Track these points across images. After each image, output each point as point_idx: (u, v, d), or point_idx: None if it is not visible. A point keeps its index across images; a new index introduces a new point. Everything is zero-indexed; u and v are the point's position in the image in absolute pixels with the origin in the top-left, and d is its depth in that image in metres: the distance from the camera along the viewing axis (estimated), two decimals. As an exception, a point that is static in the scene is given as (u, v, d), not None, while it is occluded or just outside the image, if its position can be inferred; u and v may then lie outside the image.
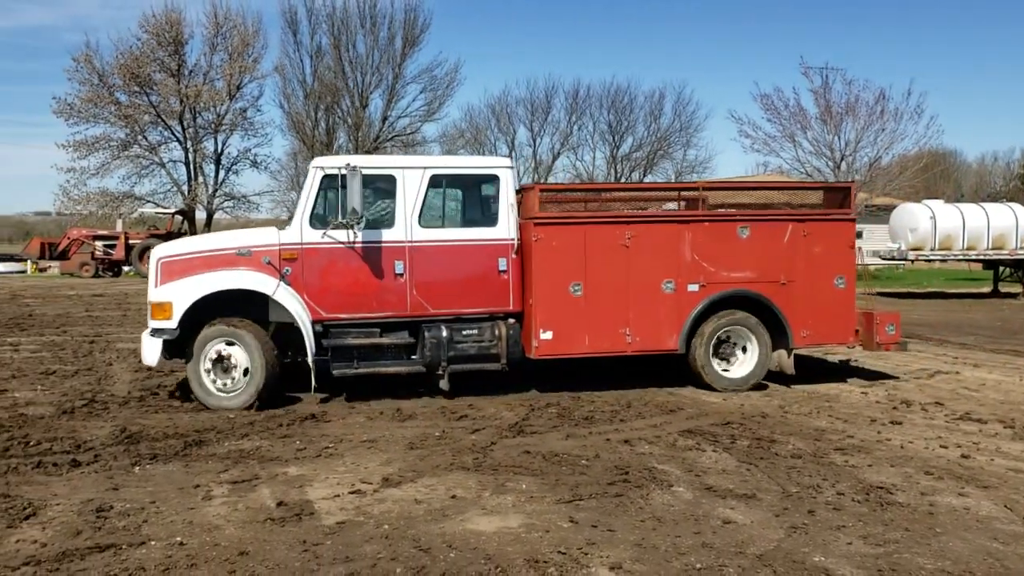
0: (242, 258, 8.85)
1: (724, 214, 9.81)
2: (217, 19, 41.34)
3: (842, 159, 34.59)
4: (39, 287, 31.25)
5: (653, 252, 9.29)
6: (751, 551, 4.68)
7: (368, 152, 43.24)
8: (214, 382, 8.69)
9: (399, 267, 8.96)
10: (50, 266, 48.70)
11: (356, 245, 8.91)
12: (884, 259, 29.51)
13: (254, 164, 43.87)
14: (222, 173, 43.00)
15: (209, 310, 8.72)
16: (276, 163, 51.18)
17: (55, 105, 38.60)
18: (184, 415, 8.23)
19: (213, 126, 41.92)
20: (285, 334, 9.00)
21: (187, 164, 41.82)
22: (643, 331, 9.28)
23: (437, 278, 9.07)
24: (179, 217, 40.31)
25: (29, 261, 52.53)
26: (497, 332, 9.10)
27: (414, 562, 4.49)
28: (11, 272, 50.07)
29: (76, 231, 44.86)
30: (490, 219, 9.32)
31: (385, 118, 45.37)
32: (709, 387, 9.42)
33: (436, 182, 9.20)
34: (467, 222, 9.66)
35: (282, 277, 8.80)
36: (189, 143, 41.62)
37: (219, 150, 42.96)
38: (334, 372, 8.83)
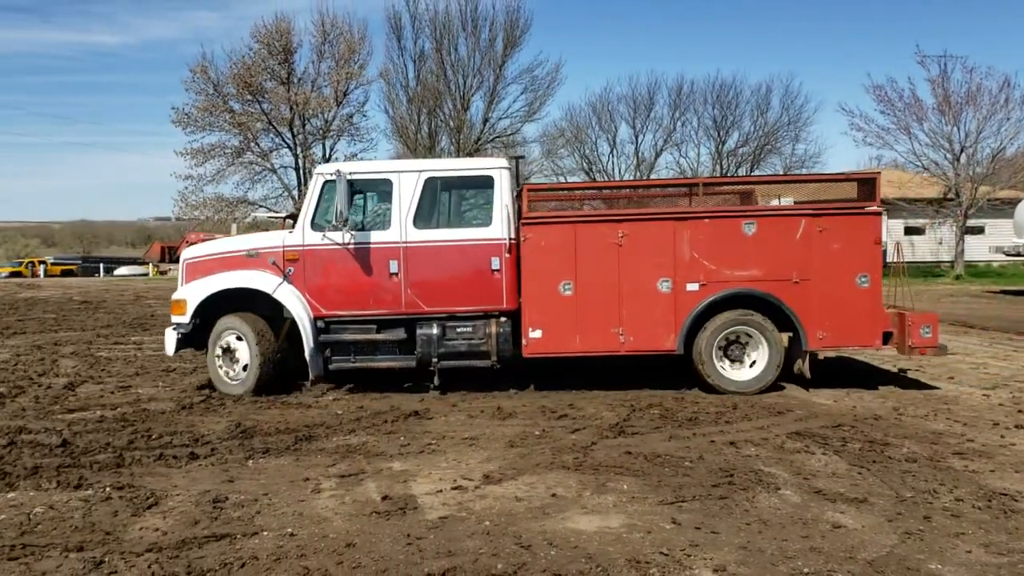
0: (251, 259, 9.66)
1: (727, 210, 9.42)
2: (324, 27, 42.52)
3: (962, 151, 32.98)
4: (160, 289, 32.90)
5: (648, 251, 9.14)
6: (862, 556, 4.51)
7: (469, 154, 43.71)
8: (224, 371, 9.56)
9: (394, 267, 9.37)
10: (170, 269, 51.20)
11: (353, 246, 9.41)
12: (1008, 255, 27.96)
13: (361, 169, 44.90)
14: (330, 178, 44.18)
15: (230, 306, 9.59)
16: (381, 167, 52.35)
17: (173, 115, 40.37)
18: (294, 411, 8.51)
19: (321, 132, 43.12)
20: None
21: (297, 169, 43.15)
22: (638, 331, 9.15)
23: (431, 277, 9.39)
24: (290, 221, 41.61)
25: (150, 264, 55.34)
26: (488, 330, 9.29)
27: (515, 559, 4.51)
28: (134, 275, 52.93)
29: (194, 235, 46.94)
30: (484, 219, 9.50)
31: (486, 120, 45.77)
32: (714, 390, 9.10)
33: (431, 185, 9.53)
34: (461, 223, 9.97)
35: (285, 277, 9.49)
36: (299, 149, 42.92)
37: (327, 156, 44.13)
38: (330, 366, 9.49)
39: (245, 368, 9.46)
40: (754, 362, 9.17)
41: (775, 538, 4.80)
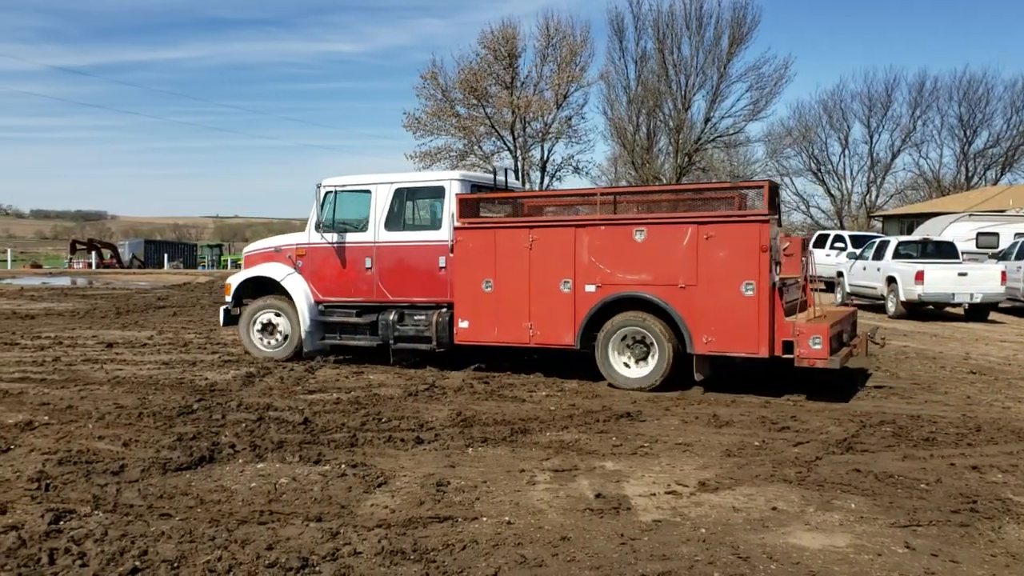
0: (276, 254, 12.01)
1: (621, 218, 9.83)
2: (548, 31, 43.40)
3: None
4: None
5: (553, 254, 9.90)
6: None
7: (688, 155, 42.97)
8: (265, 341, 11.83)
9: (368, 263, 11.19)
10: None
11: (340, 245, 11.37)
12: None
13: (576, 170, 45.35)
14: (547, 179, 45.08)
15: (272, 291, 11.84)
16: (596, 168, 52.70)
17: (405, 120, 42.74)
18: (510, 404, 8.75)
19: (540, 135, 44.05)
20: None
21: (516, 172, 44.34)
22: (543, 326, 9.99)
23: (395, 272, 11.06)
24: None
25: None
26: (432, 319, 10.71)
27: (732, 569, 4.38)
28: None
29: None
30: (436, 224, 10.99)
31: (707, 119, 44.86)
32: (613, 385, 9.66)
33: (399, 194, 11.18)
34: (419, 227, 11.40)
35: (295, 268, 11.66)
36: (518, 152, 44.10)
37: (545, 158, 45.05)
38: (319, 342, 11.52)
39: (281, 340, 11.74)
40: (651, 362, 9.56)
41: (1027, 576, 4.35)
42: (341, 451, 6.72)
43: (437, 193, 11.02)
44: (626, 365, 9.70)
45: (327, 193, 11.42)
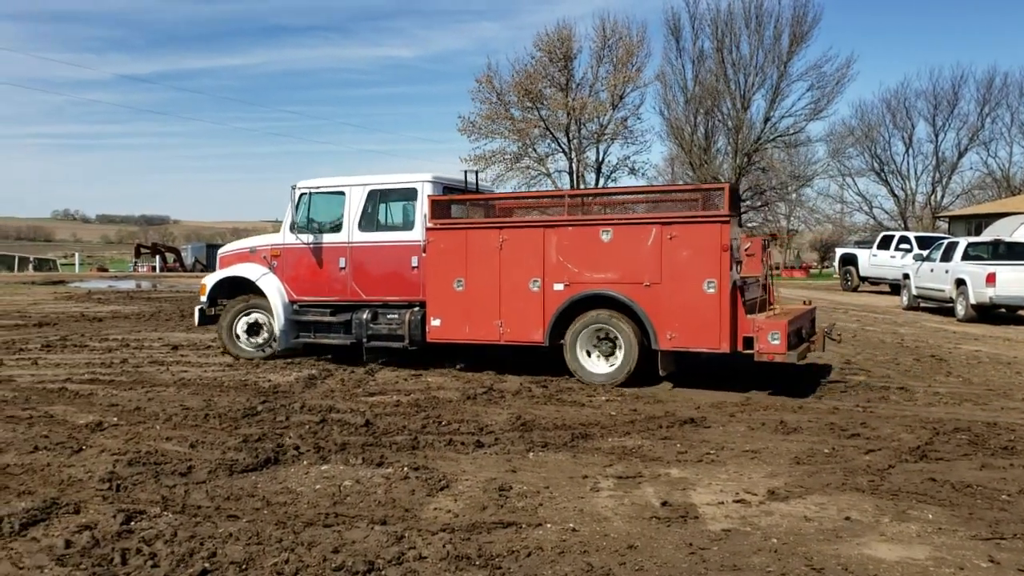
0: (251, 254, 12.24)
1: (587, 219, 10.24)
2: (605, 32, 43.19)
3: None
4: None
5: (522, 254, 10.15)
6: None
7: (748, 155, 42.39)
8: (252, 340, 12.08)
9: (342, 263, 11.43)
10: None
11: (314, 245, 11.59)
12: None
13: (632, 171, 45.05)
14: (602, 181, 44.81)
15: (242, 289, 12.12)
16: (653, 169, 52.19)
17: (460, 124, 42.89)
18: (569, 409, 8.67)
19: (596, 136, 43.81)
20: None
21: (570, 173, 44.18)
22: (513, 324, 10.22)
23: (368, 272, 11.30)
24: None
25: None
26: (404, 318, 10.92)
27: (807, 581, 4.25)
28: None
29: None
30: (409, 225, 11.23)
31: (767, 119, 44.11)
32: (581, 380, 9.92)
33: (373, 195, 11.39)
34: (392, 227, 11.59)
35: (270, 268, 11.89)
36: (573, 153, 43.93)
37: (600, 159, 44.80)
38: (293, 339, 11.78)
39: (268, 338, 12.01)
40: (617, 358, 9.82)
41: (1123, 595, 4.13)
42: (403, 454, 6.72)
43: (410, 195, 11.24)
44: (594, 362, 9.99)
45: (302, 195, 11.65)
